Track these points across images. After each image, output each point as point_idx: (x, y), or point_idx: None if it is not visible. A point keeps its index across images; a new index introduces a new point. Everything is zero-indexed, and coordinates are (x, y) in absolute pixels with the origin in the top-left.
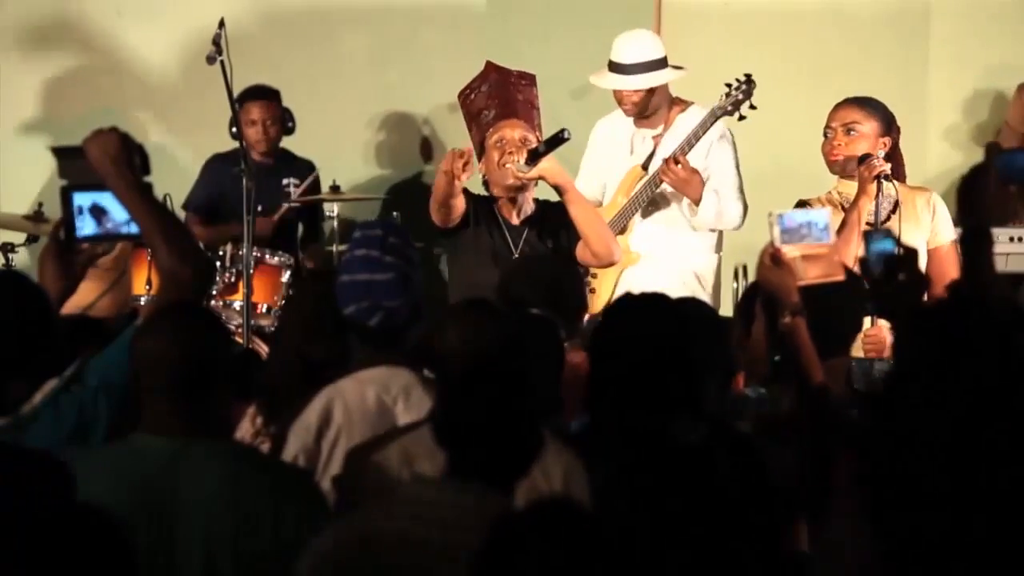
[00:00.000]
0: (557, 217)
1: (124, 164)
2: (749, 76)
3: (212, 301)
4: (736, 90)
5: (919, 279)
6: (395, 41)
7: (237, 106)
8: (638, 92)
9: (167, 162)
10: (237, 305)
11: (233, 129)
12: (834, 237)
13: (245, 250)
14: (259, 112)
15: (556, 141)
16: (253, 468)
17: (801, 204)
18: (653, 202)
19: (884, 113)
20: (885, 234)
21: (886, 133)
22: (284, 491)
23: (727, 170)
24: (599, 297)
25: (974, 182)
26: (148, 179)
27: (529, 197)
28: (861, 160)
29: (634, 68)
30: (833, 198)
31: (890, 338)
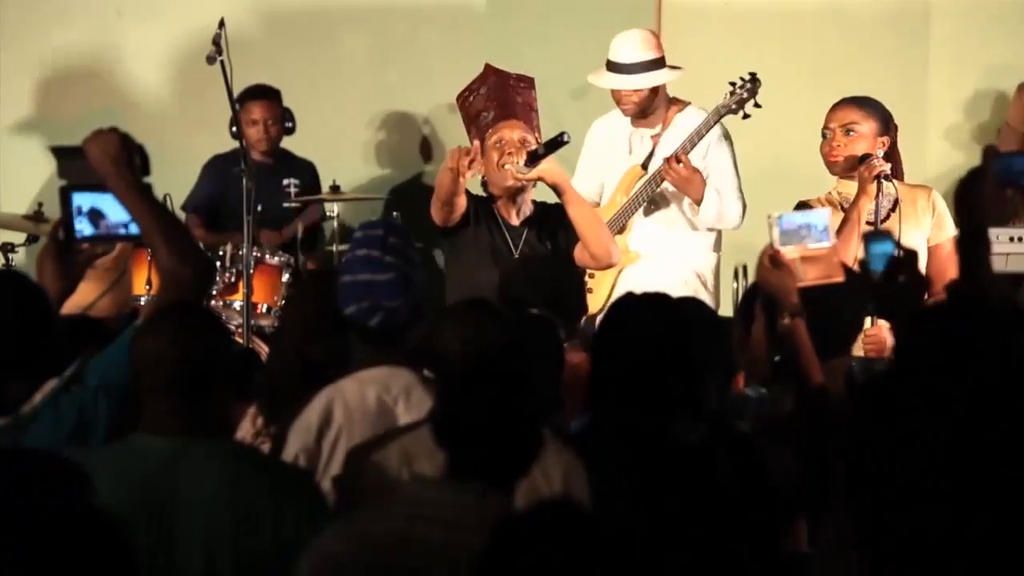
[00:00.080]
0: (555, 218)
1: (124, 164)
2: (754, 75)
3: (212, 301)
4: (741, 88)
5: (919, 280)
6: (395, 41)
7: (238, 106)
8: (638, 92)
9: (167, 162)
10: (237, 305)
11: (233, 129)
12: (833, 238)
13: (245, 250)
14: (260, 112)
15: (556, 144)
16: (253, 468)
17: (801, 205)
18: (653, 201)
19: (882, 112)
20: (885, 235)
21: (884, 132)
22: (284, 491)
23: (726, 170)
24: (597, 297)
25: (971, 185)
26: (148, 179)
27: (528, 198)
28: (861, 160)
29: (633, 68)
30: (833, 198)
31: (890, 338)
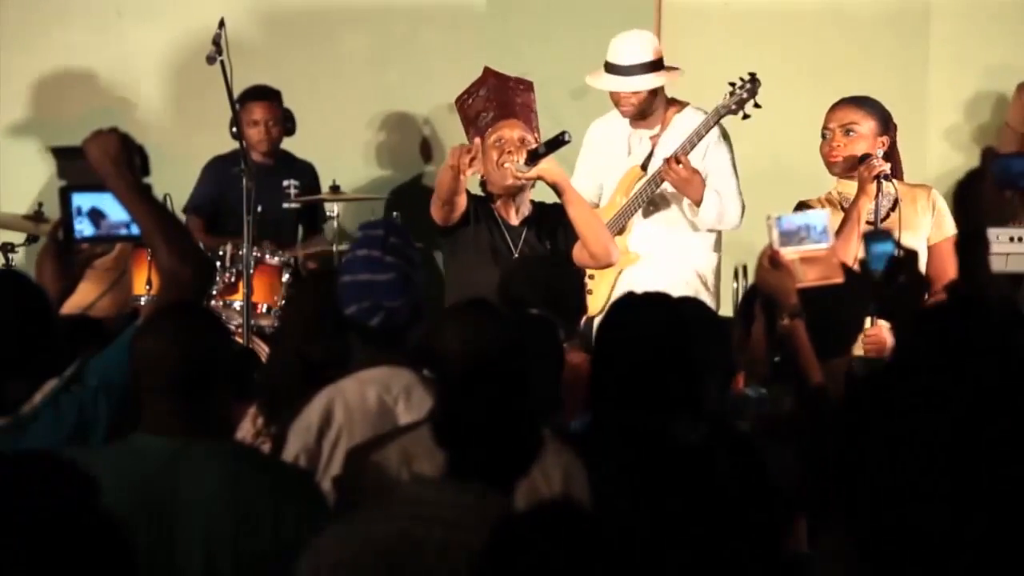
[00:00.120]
0: (554, 218)
1: (124, 165)
2: (754, 75)
3: (212, 301)
4: (741, 89)
5: (919, 280)
6: (395, 41)
7: (238, 106)
8: (637, 94)
9: (167, 163)
10: (237, 305)
11: (233, 130)
12: (833, 239)
13: (245, 250)
14: (261, 112)
15: (556, 143)
16: (253, 468)
17: (801, 205)
18: (652, 202)
19: (881, 112)
20: (885, 235)
21: (884, 132)
22: (284, 491)
23: (726, 171)
24: (597, 298)
25: (970, 186)
26: (147, 180)
27: (526, 198)
28: (861, 160)
29: (631, 69)
30: (833, 198)
31: (890, 338)
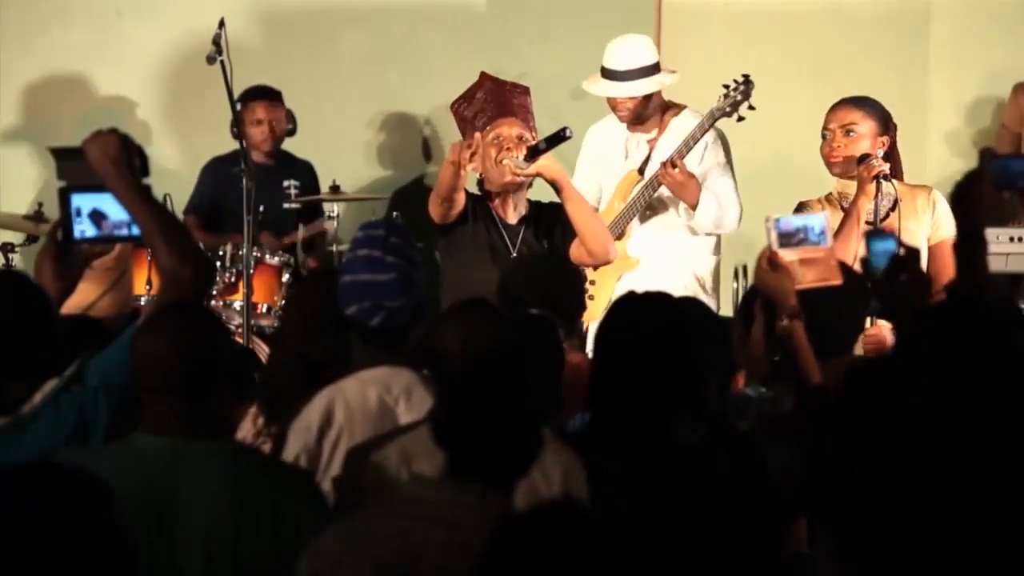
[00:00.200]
0: (551, 217)
1: (124, 165)
2: (747, 77)
3: (212, 301)
4: (734, 91)
5: (921, 279)
6: (395, 41)
7: (240, 106)
8: (633, 99)
9: (167, 163)
10: (237, 305)
11: (234, 129)
12: (831, 241)
13: (245, 250)
14: (264, 112)
15: (557, 139)
16: (253, 468)
17: (801, 206)
18: (651, 206)
19: (881, 112)
20: (887, 234)
21: (884, 132)
22: (284, 491)
23: (723, 174)
24: (597, 304)
25: (969, 187)
26: (147, 181)
27: (523, 196)
28: (860, 160)
29: (628, 74)
30: (833, 198)
31: (890, 338)
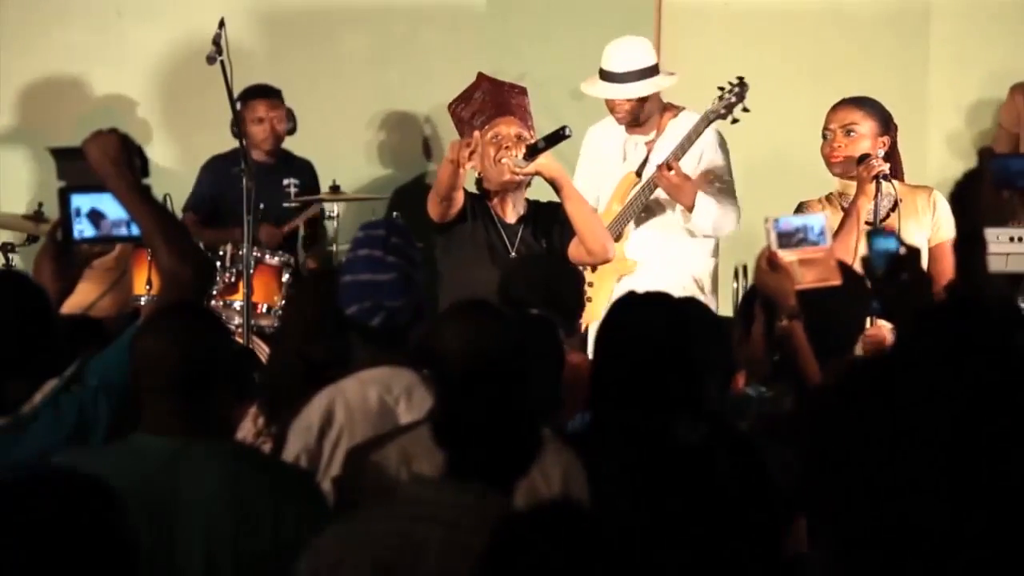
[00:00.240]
0: (549, 216)
1: (124, 165)
2: (742, 79)
3: (212, 301)
4: (729, 93)
5: (922, 278)
6: (395, 41)
7: (241, 105)
8: (631, 100)
9: (167, 162)
10: (237, 305)
11: (234, 128)
12: (831, 241)
13: (245, 250)
14: (265, 110)
15: (557, 137)
16: (253, 468)
17: (801, 206)
18: (648, 209)
19: (881, 112)
20: (888, 233)
21: (884, 132)
22: (284, 491)
23: (722, 176)
24: (596, 306)
25: (968, 187)
26: (147, 181)
27: (522, 195)
28: (860, 160)
29: (626, 76)
30: (834, 199)
31: (891, 338)
